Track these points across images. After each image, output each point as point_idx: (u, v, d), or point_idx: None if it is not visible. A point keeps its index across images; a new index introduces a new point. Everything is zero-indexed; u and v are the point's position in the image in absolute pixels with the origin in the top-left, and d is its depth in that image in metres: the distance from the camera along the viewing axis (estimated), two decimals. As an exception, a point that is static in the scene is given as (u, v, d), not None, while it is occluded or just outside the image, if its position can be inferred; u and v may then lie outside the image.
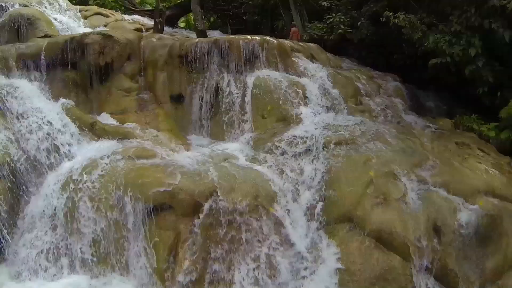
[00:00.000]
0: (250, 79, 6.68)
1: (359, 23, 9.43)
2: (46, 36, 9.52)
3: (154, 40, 8.12)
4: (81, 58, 7.65)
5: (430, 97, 8.89)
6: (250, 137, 6.21)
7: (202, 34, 8.23)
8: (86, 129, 6.74)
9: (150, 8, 10.42)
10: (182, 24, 12.72)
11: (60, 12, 10.32)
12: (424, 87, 9.14)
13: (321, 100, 6.55)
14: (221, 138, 6.57)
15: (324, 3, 9.81)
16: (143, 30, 10.66)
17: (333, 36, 9.41)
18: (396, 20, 7.40)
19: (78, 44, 7.59)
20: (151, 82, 7.65)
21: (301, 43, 8.11)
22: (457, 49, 6.71)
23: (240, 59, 6.84)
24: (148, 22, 11.01)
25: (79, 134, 6.58)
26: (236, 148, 6.10)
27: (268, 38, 7.27)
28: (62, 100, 6.92)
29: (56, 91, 7.49)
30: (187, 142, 6.44)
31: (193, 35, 9.61)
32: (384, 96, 7.27)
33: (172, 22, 12.27)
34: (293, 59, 7.24)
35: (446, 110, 8.53)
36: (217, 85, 6.78)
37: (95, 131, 6.82)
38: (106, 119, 7.13)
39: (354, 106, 6.76)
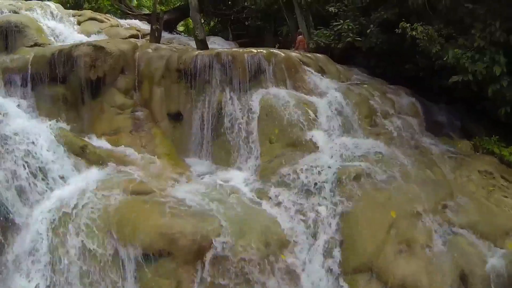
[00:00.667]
0: (256, 99, 6.01)
1: (368, 31, 8.72)
2: (35, 44, 8.68)
3: (150, 51, 7.37)
4: (70, 72, 6.89)
5: (443, 110, 8.29)
6: (257, 165, 5.60)
7: (202, 43, 7.52)
8: (76, 154, 6.13)
9: (147, 12, 9.63)
10: (181, 28, 11.90)
11: (52, 18, 9.43)
12: (436, 99, 8.59)
13: (334, 122, 5.92)
14: (224, 163, 5.95)
15: (331, 9, 9.06)
16: (140, 36, 9.86)
17: (341, 45, 8.70)
18: (414, 33, 6.73)
19: (66, 57, 6.85)
20: (147, 98, 6.95)
21: (309, 54, 7.42)
22: (481, 67, 6.09)
23: (245, 75, 6.14)
24: (145, 27, 10.18)
25: (68, 159, 5.95)
26: (241, 178, 5.50)
27: (274, 51, 6.57)
28: (50, 121, 6.35)
29: (44, 109, 6.81)
30: (187, 170, 5.80)
31: (193, 42, 8.88)
32: (399, 114, 6.66)
33: (170, 26, 11.39)
34: (302, 74, 6.57)
35: (459, 126, 7.97)
36: (219, 104, 6.13)
37: (86, 155, 6.14)
38: (98, 140, 6.47)
39: (369, 128, 6.14)
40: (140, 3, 12.62)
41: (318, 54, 7.64)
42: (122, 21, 10.72)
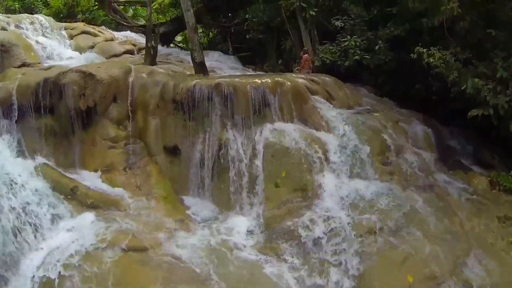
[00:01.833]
0: (260, 137, 5.41)
1: (376, 47, 8.08)
2: (24, 65, 7.98)
3: (144, 76, 6.67)
4: (58, 102, 6.21)
5: (454, 135, 7.77)
6: (261, 211, 5.08)
7: (200, 66, 6.85)
8: (66, 195, 5.60)
9: (144, 22, 8.84)
10: (179, 37, 11.05)
11: (42, 33, 8.67)
12: (448, 121, 8.03)
13: (345, 163, 5.38)
14: (226, 206, 5.41)
15: (337, 23, 8.35)
16: (135, 51, 9.11)
17: (348, 63, 8.05)
18: (431, 60, 6.09)
19: (53, 85, 6.13)
20: (142, 129, 6.29)
21: (316, 78, 6.76)
22: (503, 101, 5.54)
23: (248, 110, 5.52)
24: (141, 39, 9.36)
25: (57, 202, 5.45)
26: (244, 227, 4.99)
27: (280, 79, 5.89)
28: (37, 158, 5.81)
29: (31, 143, 6.13)
30: (186, 216, 5.26)
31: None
32: (413, 148, 6.13)
33: (167, 39, 10.57)
34: (310, 105, 5.95)
35: (472, 152, 7.48)
36: (220, 142, 5.55)
37: (77, 197, 5.61)
38: (90, 177, 5.88)
39: (382, 166, 5.61)
40: (136, 13, 11.74)
41: (326, 77, 6.99)
42: (117, 34, 9.90)
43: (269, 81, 5.73)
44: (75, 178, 5.70)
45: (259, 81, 5.67)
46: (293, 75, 6.79)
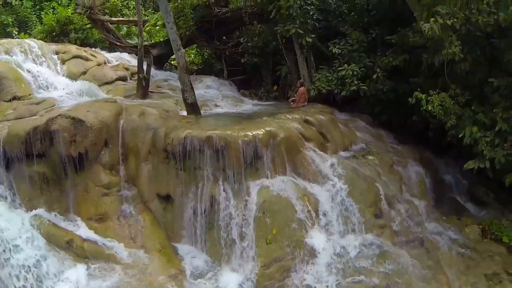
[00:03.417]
0: (252, 193, 5.26)
1: (374, 76, 7.68)
2: (15, 98, 7.64)
3: (135, 118, 6.39)
4: (49, 148, 6.00)
5: (450, 168, 7.56)
6: (253, 268, 5.00)
7: (192, 107, 6.53)
8: (62, 248, 5.54)
9: (137, 41, 8.35)
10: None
11: (33, 60, 8.22)
12: (443, 153, 7.77)
13: (336, 219, 5.26)
14: (219, 258, 5.32)
15: (335, 50, 7.87)
16: (128, 77, 8.69)
17: (344, 93, 7.68)
18: (430, 107, 5.75)
19: (43, 133, 5.88)
20: (134, 175, 6.14)
21: (311, 119, 6.42)
22: (500, 154, 5.28)
23: (240, 165, 5.32)
24: (134, 61, 8.82)
25: (53, 255, 5.39)
26: (236, 283, 4.95)
27: (273, 130, 5.61)
28: (32, 211, 5.65)
29: (24, 191, 5.95)
30: (180, 270, 5.20)
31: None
32: (406, 196, 5.95)
33: (161, 62, 10.03)
34: (304, 154, 5.73)
35: (467, 187, 7.29)
36: (212, 198, 5.38)
37: (73, 249, 5.55)
38: (84, 226, 5.82)
39: (373, 219, 5.48)
40: (130, 31, 11.09)
41: (321, 116, 6.69)
42: (109, 56, 9.41)
43: (261, 134, 5.46)
44: (70, 228, 5.64)
45: (251, 134, 5.41)
46: (288, 115, 6.46)
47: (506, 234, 5.70)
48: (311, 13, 8.20)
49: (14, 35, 11.42)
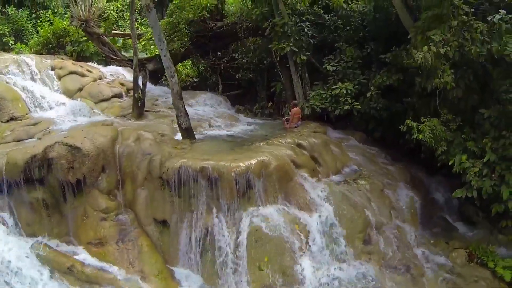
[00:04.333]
0: (244, 222, 5.38)
1: (368, 94, 7.65)
2: (12, 118, 7.72)
3: (131, 143, 6.44)
4: (48, 174, 6.12)
5: (441, 186, 7.63)
6: (245, 296, 5.23)
7: (187, 132, 6.54)
8: (64, 272, 5.72)
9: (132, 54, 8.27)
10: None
11: (30, 77, 8.19)
12: (435, 170, 7.79)
13: (326, 245, 5.39)
14: (213, 283, 5.49)
15: (329, 67, 7.80)
16: (123, 94, 8.67)
17: (338, 112, 7.68)
18: (421, 136, 5.77)
19: (41, 161, 5.96)
20: (131, 200, 6.26)
21: (303, 142, 6.48)
22: (487, 185, 5.34)
23: (233, 195, 5.42)
24: (130, 76, 8.70)
25: (55, 280, 5.59)
26: (230, 311, 5.17)
27: (265, 160, 5.65)
28: (33, 238, 5.79)
29: (25, 217, 6.10)
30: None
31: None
32: (395, 222, 6.05)
33: (156, 77, 9.90)
34: (295, 182, 5.80)
35: (457, 206, 7.37)
36: (207, 226, 5.50)
37: (74, 274, 5.75)
38: (84, 251, 5.96)
39: (361, 245, 5.61)
40: (126, 43, 10.91)
41: (313, 139, 6.72)
42: (105, 70, 9.32)
43: (253, 164, 5.52)
44: (70, 253, 5.80)
45: (243, 165, 5.47)
46: (280, 140, 6.51)
47: (491, 259, 5.83)
48: (305, 29, 8.12)
49: (10, 44, 11.33)
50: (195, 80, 10.70)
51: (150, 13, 5.82)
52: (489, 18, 5.35)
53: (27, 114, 7.86)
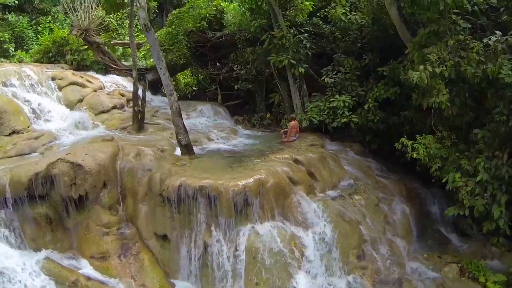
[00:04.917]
0: (242, 239, 5.54)
1: (365, 106, 7.71)
2: (14, 132, 7.82)
3: (131, 159, 6.58)
4: (51, 190, 6.28)
5: (436, 198, 7.74)
6: (243, 311, 5.40)
7: (186, 148, 6.64)
8: (69, 287, 5.93)
9: (131, 62, 8.26)
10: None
11: (31, 88, 8.24)
12: (430, 183, 7.88)
13: (321, 261, 5.54)
14: None
15: (327, 79, 7.84)
16: (124, 104, 8.71)
17: (336, 124, 7.75)
18: (415, 155, 5.85)
19: (44, 178, 6.12)
20: (132, 215, 6.44)
21: (301, 158, 6.59)
22: (479, 203, 5.44)
23: (231, 212, 5.57)
24: (130, 86, 8.74)
25: (60, 295, 5.80)
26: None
27: (263, 178, 5.78)
28: (38, 253, 5.95)
29: (29, 232, 6.25)
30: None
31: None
32: (389, 236, 6.18)
33: (156, 87, 9.86)
34: (292, 199, 5.93)
35: (452, 219, 7.47)
36: (205, 243, 5.65)
37: (78, 288, 5.99)
38: (87, 264, 6.14)
39: (355, 261, 5.76)
40: (125, 51, 10.88)
41: (310, 154, 6.82)
42: (105, 80, 9.36)
43: (251, 182, 5.65)
44: (74, 267, 5.97)
45: (241, 184, 5.60)
46: (278, 156, 6.61)
47: (483, 273, 5.97)
48: (304, 42, 8.13)
49: (11, 51, 11.35)
50: (194, 89, 10.76)
51: (149, 33, 5.85)
52: (484, 41, 5.37)
53: (28, 127, 7.96)
